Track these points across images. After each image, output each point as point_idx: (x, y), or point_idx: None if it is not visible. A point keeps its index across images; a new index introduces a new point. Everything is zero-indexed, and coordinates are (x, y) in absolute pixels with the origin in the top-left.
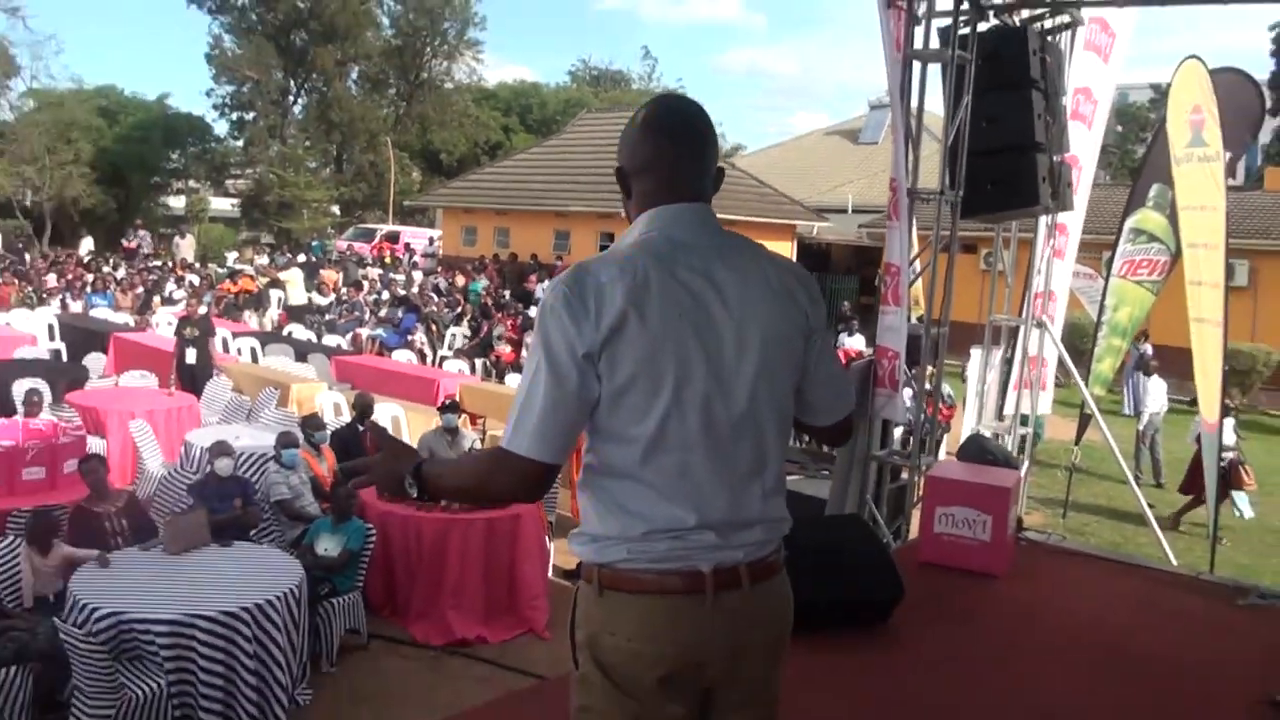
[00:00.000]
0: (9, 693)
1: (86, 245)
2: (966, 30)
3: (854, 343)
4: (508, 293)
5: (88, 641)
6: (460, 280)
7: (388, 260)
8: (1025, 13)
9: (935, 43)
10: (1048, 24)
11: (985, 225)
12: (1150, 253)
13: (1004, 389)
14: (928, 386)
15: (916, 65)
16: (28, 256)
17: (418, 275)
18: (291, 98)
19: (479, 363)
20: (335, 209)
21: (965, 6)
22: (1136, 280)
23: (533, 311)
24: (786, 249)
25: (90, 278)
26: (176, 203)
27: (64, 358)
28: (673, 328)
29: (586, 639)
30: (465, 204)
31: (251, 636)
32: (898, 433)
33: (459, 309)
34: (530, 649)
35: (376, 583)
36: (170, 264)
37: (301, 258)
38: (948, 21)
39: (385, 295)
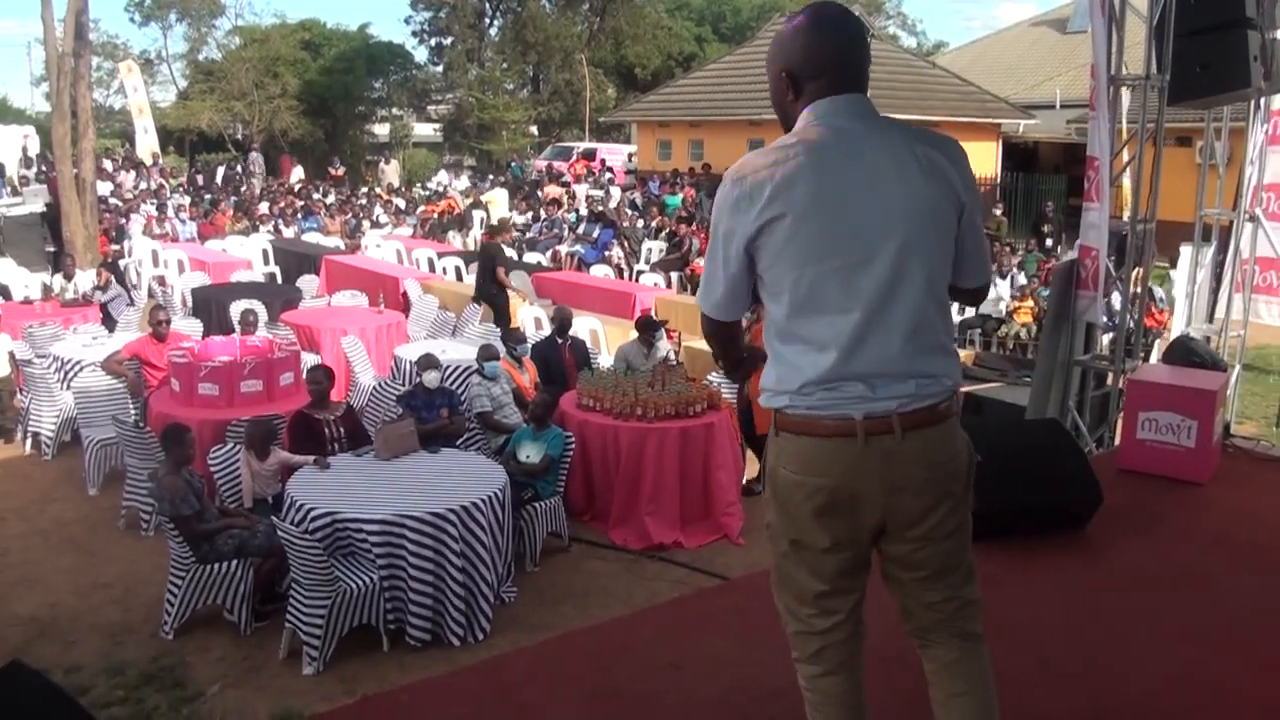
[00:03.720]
0: (232, 583)
1: (297, 174)
2: None
3: None
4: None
5: (304, 539)
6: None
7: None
8: None
9: None
10: None
11: (1198, 116)
12: None
13: (1215, 289)
14: (1135, 288)
15: None
16: (243, 188)
17: (615, 191)
18: (487, 20)
19: (674, 276)
20: (533, 129)
21: None
22: None
23: None
24: (990, 149)
25: (300, 204)
26: (381, 130)
27: (278, 280)
28: (821, 206)
29: (769, 470)
30: (660, 118)
31: (458, 536)
32: (1106, 338)
33: (655, 223)
34: (725, 554)
35: (577, 489)
36: (376, 189)
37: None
38: None
39: (584, 211)
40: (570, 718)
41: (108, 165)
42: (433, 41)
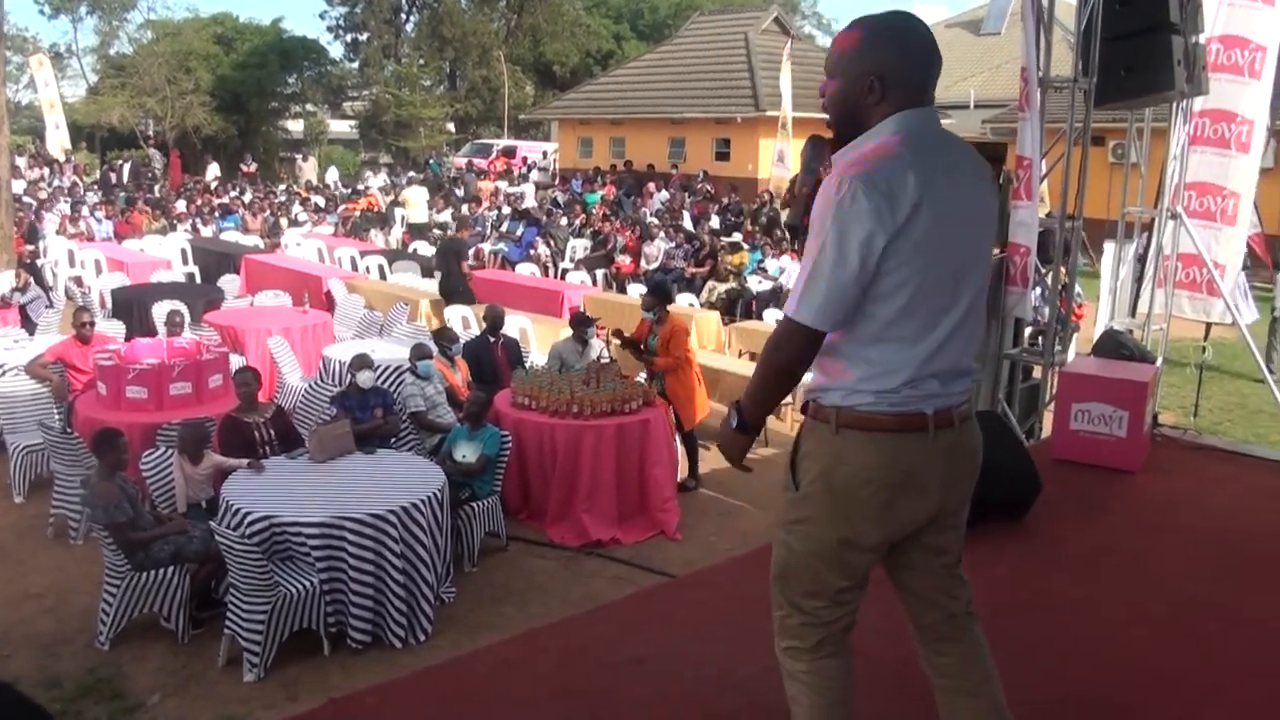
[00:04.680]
0: (169, 590)
1: (213, 171)
2: None
3: None
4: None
5: (242, 543)
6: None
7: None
8: None
9: None
10: None
11: (1114, 116)
12: None
13: (1138, 285)
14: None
15: None
16: (157, 187)
17: (529, 188)
18: (403, 16)
19: (599, 273)
20: (450, 126)
21: None
22: None
23: (649, 220)
24: None
25: (217, 202)
26: (295, 126)
27: (198, 280)
28: (948, 206)
29: (820, 469)
30: (580, 115)
31: (398, 538)
32: (1027, 332)
33: (579, 220)
34: (662, 550)
35: (513, 488)
36: (295, 187)
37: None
38: None
39: (506, 210)
40: (541, 716)
41: (20, 163)
42: (348, 37)
